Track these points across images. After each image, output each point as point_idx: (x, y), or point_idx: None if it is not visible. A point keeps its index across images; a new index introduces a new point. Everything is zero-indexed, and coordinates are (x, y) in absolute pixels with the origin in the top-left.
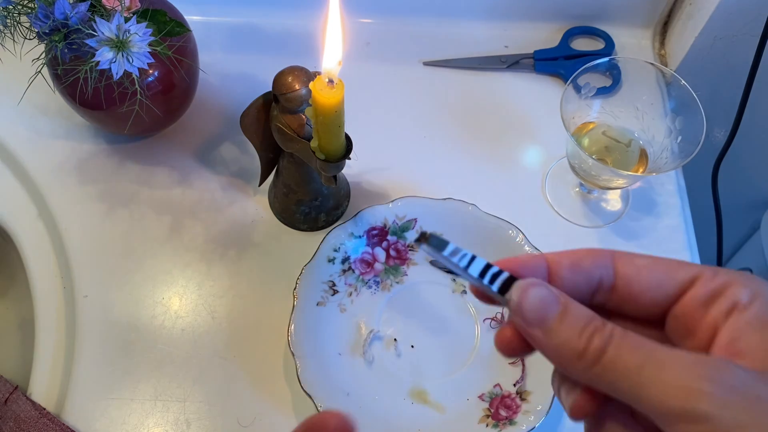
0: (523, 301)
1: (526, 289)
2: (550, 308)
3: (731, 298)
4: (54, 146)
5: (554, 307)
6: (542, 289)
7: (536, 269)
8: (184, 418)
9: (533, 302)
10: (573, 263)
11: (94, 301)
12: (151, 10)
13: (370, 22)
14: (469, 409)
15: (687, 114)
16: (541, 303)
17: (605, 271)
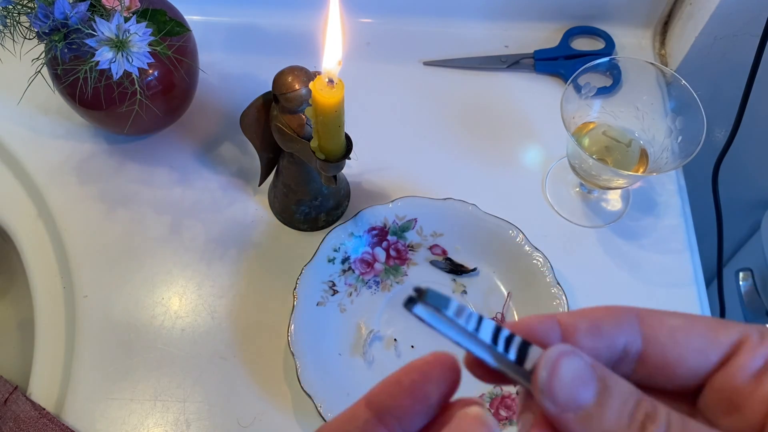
0: (552, 379)
1: (557, 360)
2: (587, 387)
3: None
4: (54, 146)
5: (591, 384)
6: (576, 360)
7: (547, 334)
8: (183, 418)
9: (566, 380)
10: (591, 327)
11: (94, 301)
12: (150, 10)
13: (370, 21)
14: None
15: (687, 114)
16: (575, 380)
17: (631, 335)
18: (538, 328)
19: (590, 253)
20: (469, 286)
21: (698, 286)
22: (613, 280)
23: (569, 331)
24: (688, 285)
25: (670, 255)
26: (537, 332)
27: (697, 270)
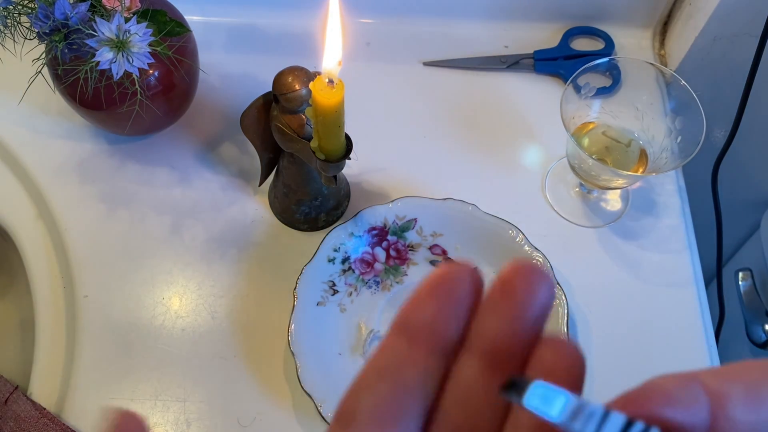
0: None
1: None
2: None
3: None
4: (54, 146)
5: None
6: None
7: (689, 410)
8: (184, 418)
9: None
10: (748, 393)
11: (95, 301)
12: (151, 10)
13: (370, 22)
14: None
15: (687, 114)
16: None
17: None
18: (677, 399)
19: (590, 253)
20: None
21: (698, 286)
22: (613, 280)
23: (720, 402)
24: (688, 285)
25: (669, 255)
26: (677, 407)
27: (696, 270)
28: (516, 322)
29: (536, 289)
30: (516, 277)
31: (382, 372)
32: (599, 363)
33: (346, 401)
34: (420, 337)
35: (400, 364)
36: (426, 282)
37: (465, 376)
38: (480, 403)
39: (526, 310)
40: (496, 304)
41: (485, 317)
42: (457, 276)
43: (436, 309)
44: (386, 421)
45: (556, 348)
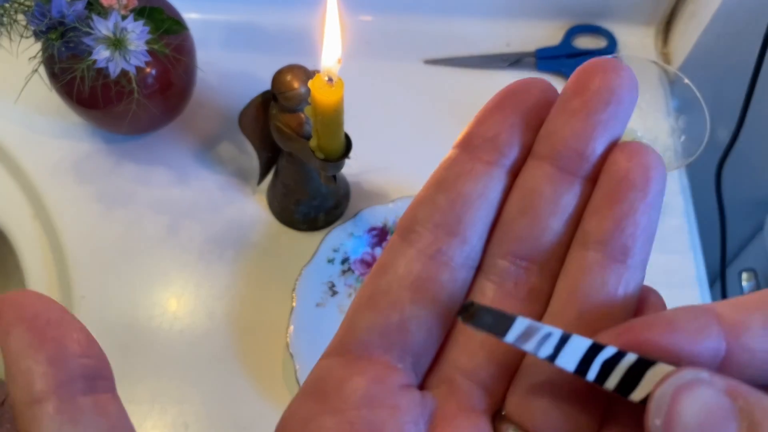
0: (671, 423)
1: (676, 396)
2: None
3: None
4: (51, 145)
5: (730, 423)
6: (703, 389)
7: (696, 340)
8: (181, 420)
9: (690, 421)
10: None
11: (91, 302)
12: (148, 8)
13: (370, 19)
14: None
15: (690, 113)
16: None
17: None
18: (682, 327)
19: None
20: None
21: (701, 286)
22: None
23: (736, 332)
24: (691, 286)
25: (673, 255)
26: (681, 337)
27: (700, 270)
28: (590, 120)
29: (613, 82)
30: (590, 73)
31: (441, 184)
32: None
33: (406, 215)
34: (482, 149)
35: (458, 176)
36: (493, 97)
37: (530, 181)
38: (546, 209)
39: (601, 106)
40: (568, 102)
41: (555, 118)
42: (527, 88)
43: (500, 122)
44: (444, 231)
45: (633, 152)
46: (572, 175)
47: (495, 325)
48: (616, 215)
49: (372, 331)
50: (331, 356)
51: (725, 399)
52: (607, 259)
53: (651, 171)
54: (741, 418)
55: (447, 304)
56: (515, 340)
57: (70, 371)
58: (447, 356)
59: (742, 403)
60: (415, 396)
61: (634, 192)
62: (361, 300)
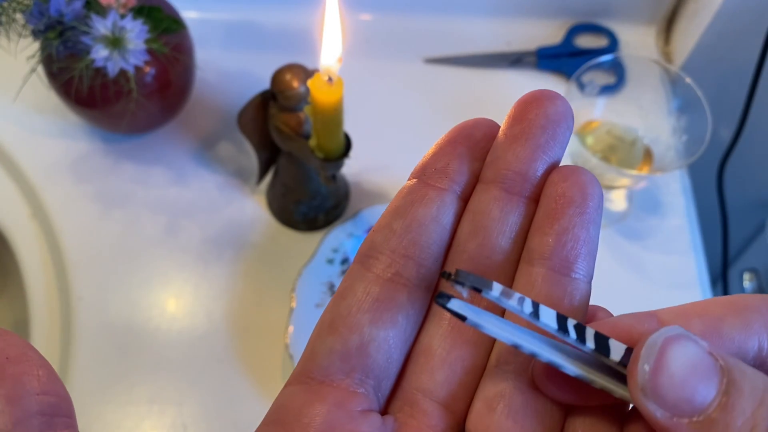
0: (659, 371)
1: (664, 348)
2: (706, 382)
3: None
4: (49, 145)
5: (712, 377)
6: (691, 344)
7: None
8: (180, 421)
9: (678, 372)
10: (708, 330)
11: (89, 302)
12: (146, 7)
13: (370, 18)
14: None
15: (692, 112)
16: (689, 373)
17: (766, 339)
18: (631, 328)
19: None
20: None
21: (703, 287)
22: (617, 280)
23: None
24: (693, 286)
25: (674, 255)
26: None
27: (702, 271)
28: (529, 144)
29: (549, 108)
30: (529, 103)
31: (397, 211)
32: None
33: (365, 243)
34: (434, 178)
35: (413, 203)
36: (444, 135)
37: (479, 204)
38: (495, 230)
39: (539, 131)
40: (510, 129)
41: (499, 145)
42: (474, 125)
43: (450, 153)
44: (400, 255)
45: (569, 173)
46: (517, 196)
47: (477, 284)
48: (557, 231)
49: (332, 356)
50: (293, 384)
51: (708, 356)
52: (552, 273)
53: (587, 189)
54: (721, 374)
55: (405, 325)
56: (498, 296)
57: (27, 408)
58: (408, 377)
59: (722, 363)
60: (376, 420)
61: (572, 208)
62: (321, 326)
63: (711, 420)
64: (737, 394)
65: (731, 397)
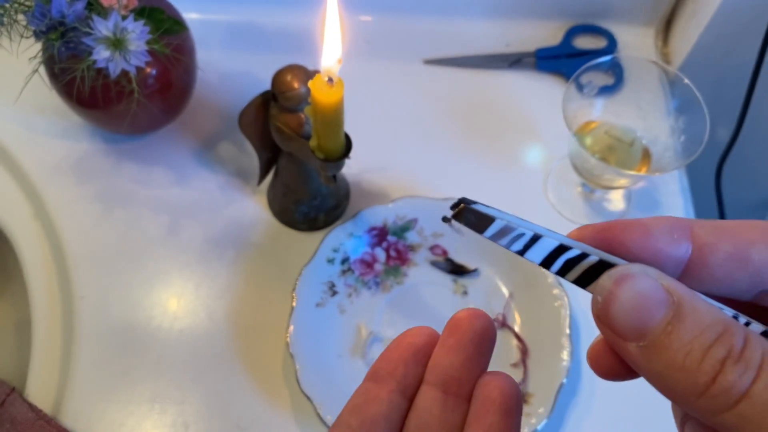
0: (609, 302)
1: (619, 281)
2: (653, 312)
3: None
4: (51, 145)
5: (660, 309)
6: (644, 280)
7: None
8: (182, 420)
9: (626, 303)
10: (737, 251)
11: (91, 302)
12: (148, 8)
13: (370, 19)
14: None
15: (690, 113)
16: (638, 302)
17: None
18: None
19: None
20: (470, 287)
21: None
22: None
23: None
24: None
25: None
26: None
27: None
28: (462, 352)
29: (476, 324)
30: (459, 319)
31: (354, 410)
32: None
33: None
34: (384, 380)
35: (367, 402)
36: (392, 343)
37: (423, 403)
38: (436, 426)
39: (468, 341)
40: (446, 340)
41: (437, 353)
42: (418, 333)
43: (397, 359)
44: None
45: (493, 379)
46: (453, 396)
47: (476, 223)
48: (484, 427)
49: None
50: None
51: (662, 291)
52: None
53: (508, 391)
54: (670, 307)
55: None
56: (491, 236)
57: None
58: None
59: (676, 298)
60: None
61: (496, 408)
62: None
63: (654, 345)
64: (680, 324)
65: (679, 325)
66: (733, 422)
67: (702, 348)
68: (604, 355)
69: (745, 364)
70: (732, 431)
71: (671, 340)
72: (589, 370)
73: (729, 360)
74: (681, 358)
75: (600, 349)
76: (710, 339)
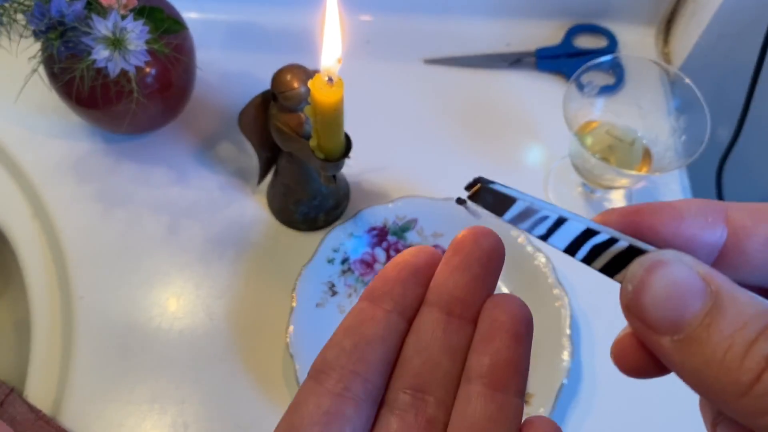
0: (641, 291)
1: (648, 271)
2: (690, 302)
3: None
4: (50, 145)
5: (698, 300)
6: (678, 269)
7: (699, 233)
8: (181, 420)
9: (660, 292)
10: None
11: (91, 302)
12: (147, 8)
13: (370, 19)
14: None
15: (691, 112)
16: (673, 292)
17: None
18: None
19: None
20: None
21: None
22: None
23: (739, 235)
24: None
25: None
26: (687, 229)
27: None
28: (467, 272)
29: (483, 243)
30: (464, 236)
31: (348, 330)
32: (603, 365)
33: (317, 359)
34: (381, 299)
35: (362, 323)
36: (389, 262)
37: (424, 325)
38: (437, 348)
39: (474, 260)
40: (450, 259)
41: (441, 273)
42: (417, 252)
43: (396, 279)
44: (349, 371)
45: (502, 301)
46: (458, 318)
47: (495, 205)
48: (490, 352)
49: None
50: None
51: (698, 280)
52: (487, 390)
53: (518, 315)
54: (709, 297)
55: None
56: (511, 219)
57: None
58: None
59: (714, 287)
60: None
61: (504, 332)
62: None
63: (691, 338)
64: (720, 316)
65: (718, 318)
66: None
67: (745, 342)
68: (631, 351)
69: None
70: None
71: (710, 333)
72: (589, 370)
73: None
74: (721, 354)
75: (627, 343)
76: (754, 332)
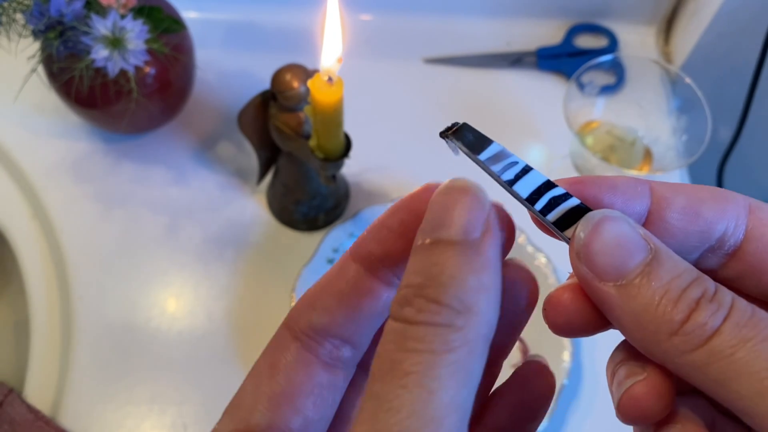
0: (592, 239)
1: (599, 223)
2: (633, 254)
3: None
4: (49, 145)
5: (640, 252)
6: (623, 225)
7: (630, 201)
8: (181, 421)
9: (608, 242)
10: (689, 206)
11: (90, 302)
12: (147, 7)
13: (370, 18)
14: None
15: (692, 112)
16: (619, 244)
17: (732, 226)
18: (620, 189)
19: None
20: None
21: None
22: None
23: (660, 204)
24: None
25: None
26: (617, 194)
27: None
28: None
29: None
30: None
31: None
32: (603, 366)
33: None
34: (379, 271)
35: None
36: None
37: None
38: None
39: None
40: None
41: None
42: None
43: (398, 247)
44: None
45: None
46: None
47: (474, 143)
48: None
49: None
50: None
51: (640, 237)
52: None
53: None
54: (649, 251)
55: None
56: (486, 160)
57: None
58: None
59: (651, 245)
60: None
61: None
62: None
63: (632, 285)
64: (659, 267)
65: (656, 269)
66: (701, 360)
67: (679, 288)
68: (566, 303)
69: (718, 304)
70: (697, 371)
71: (650, 279)
72: (590, 371)
73: (703, 299)
74: (658, 298)
75: (562, 296)
76: (686, 281)
